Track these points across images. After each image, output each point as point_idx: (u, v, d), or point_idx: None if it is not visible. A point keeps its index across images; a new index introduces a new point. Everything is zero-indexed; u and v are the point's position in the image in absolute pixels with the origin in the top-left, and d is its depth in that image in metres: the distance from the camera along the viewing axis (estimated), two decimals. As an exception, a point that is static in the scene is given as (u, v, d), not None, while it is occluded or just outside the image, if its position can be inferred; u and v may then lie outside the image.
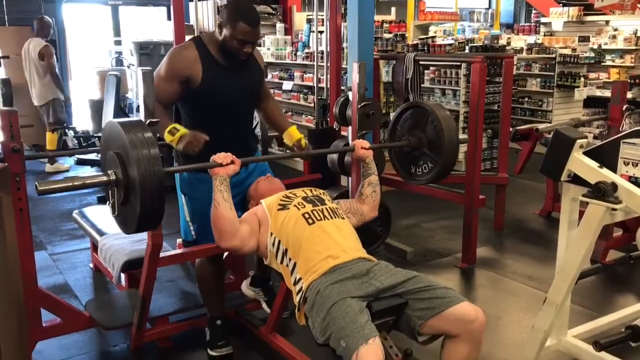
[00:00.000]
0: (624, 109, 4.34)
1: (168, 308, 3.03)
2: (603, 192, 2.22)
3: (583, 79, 7.34)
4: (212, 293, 2.87)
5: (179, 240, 3.79)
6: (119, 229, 2.33)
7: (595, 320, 2.97)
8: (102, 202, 5.24)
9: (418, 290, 2.12)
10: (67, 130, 7.25)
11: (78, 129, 7.91)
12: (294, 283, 2.25)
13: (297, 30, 7.85)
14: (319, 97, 4.66)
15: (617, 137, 2.38)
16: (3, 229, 1.91)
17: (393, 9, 8.53)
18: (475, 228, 4.02)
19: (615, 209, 2.23)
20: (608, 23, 8.96)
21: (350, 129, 3.34)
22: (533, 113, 7.74)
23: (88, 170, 6.74)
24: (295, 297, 2.24)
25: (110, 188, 2.14)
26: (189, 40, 2.73)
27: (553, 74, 7.47)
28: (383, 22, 6.49)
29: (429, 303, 2.09)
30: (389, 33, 6.42)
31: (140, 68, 2.37)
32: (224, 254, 2.91)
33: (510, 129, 4.73)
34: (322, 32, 5.07)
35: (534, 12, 11.50)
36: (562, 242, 2.62)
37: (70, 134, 7.50)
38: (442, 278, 3.80)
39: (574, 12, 8.87)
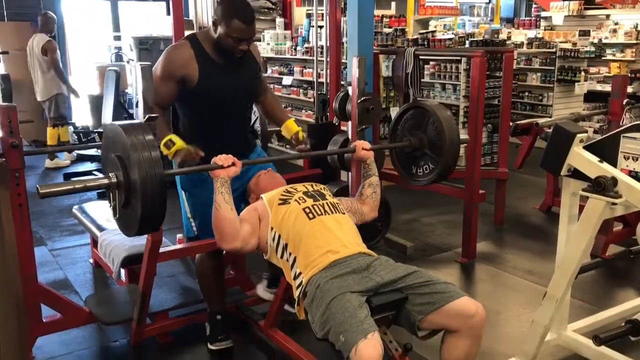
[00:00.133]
0: (624, 103, 4.33)
1: (168, 303, 3.04)
2: (603, 186, 2.21)
3: (583, 74, 7.32)
4: (212, 288, 2.87)
5: (179, 236, 3.80)
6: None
7: (595, 315, 2.97)
8: (102, 197, 5.24)
9: (418, 285, 2.12)
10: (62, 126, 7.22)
11: (78, 125, 7.90)
12: (294, 277, 2.25)
13: (296, 25, 7.83)
14: (319, 92, 4.64)
15: (617, 131, 2.38)
16: (1, 226, 1.91)
17: (393, 4, 8.49)
18: (475, 223, 4.02)
19: (615, 204, 2.23)
20: (609, 17, 8.94)
21: (350, 124, 3.33)
22: (533, 107, 7.73)
23: (88, 166, 6.73)
24: (295, 291, 2.23)
25: (112, 191, 2.13)
26: (184, 39, 2.71)
27: (553, 69, 7.45)
28: (383, 16, 6.47)
29: (429, 298, 2.08)
30: (389, 28, 6.40)
31: (139, 63, 2.37)
32: (224, 250, 2.91)
33: (511, 124, 4.73)
34: (321, 26, 5.05)
35: (535, 6, 11.44)
36: (562, 236, 2.62)
37: (70, 130, 7.49)
38: (442, 273, 3.80)
39: (575, 6, 8.84)
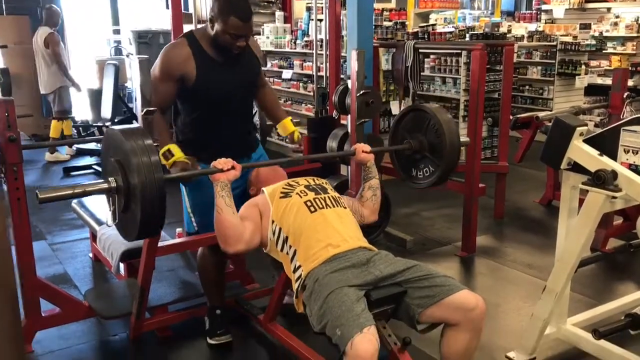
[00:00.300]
0: (625, 97, 4.32)
1: (167, 297, 3.03)
2: (603, 180, 2.21)
3: (584, 67, 7.29)
4: (213, 283, 2.86)
5: (179, 230, 3.80)
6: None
7: (595, 309, 2.96)
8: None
9: (417, 279, 2.12)
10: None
11: (77, 119, 7.89)
12: (294, 270, 2.25)
13: (296, 19, 7.80)
14: (319, 85, 4.64)
15: (617, 124, 2.37)
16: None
17: (393, -3, 8.48)
18: (475, 217, 4.02)
19: (615, 197, 2.22)
20: (610, 10, 8.90)
21: (350, 118, 3.32)
22: (534, 101, 7.71)
23: (88, 160, 6.72)
24: (294, 284, 2.23)
25: (111, 195, 2.14)
26: (181, 37, 2.69)
27: (554, 62, 7.43)
28: (383, 10, 6.43)
29: (429, 291, 2.08)
30: (389, 21, 6.37)
31: (137, 56, 2.36)
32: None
33: (511, 117, 4.71)
34: (321, 20, 5.03)
35: (535, -1, 11.42)
36: (561, 230, 2.61)
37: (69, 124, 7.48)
38: (441, 267, 3.80)
39: (575, -1, 8.81)
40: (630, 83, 7.17)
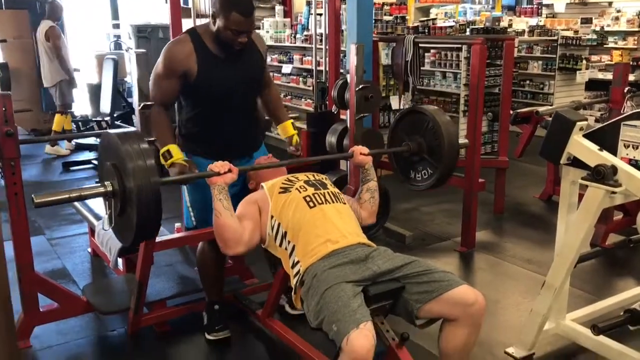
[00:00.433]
0: (626, 91, 4.30)
1: (166, 292, 3.03)
2: (603, 175, 2.19)
3: (585, 62, 7.26)
4: (212, 279, 2.86)
5: (177, 225, 3.80)
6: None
7: (594, 304, 2.96)
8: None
9: (416, 274, 2.11)
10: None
11: (77, 114, 7.87)
12: (292, 266, 2.24)
13: (296, 13, 7.78)
14: (318, 80, 4.61)
15: (617, 119, 2.35)
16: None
17: (394, -9, 8.42)
18: (475, 212, 4.00)
19: (615, 192, 2.21)
20: (611, 4, 8.87)
21: (349, 112, 3.31)
22: (534, 96, 7.69)
23: (87, 155, 6.70)
24: (293, 280, 2.22)
25: (107, 199, 2.13)
26: (184, 33, 2.68)
27: (555, 57, 7.40)
28: (384, 4, 6.40)
29: (427, 286, 2.07)
30: (390, 15, 6.34)
31: (134, 50, 2.34)
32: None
33: (511, 112, 4.69)
34: (321, 14, 5.00)
35: (537, -7, 11.37)
36: (561, 225, 2.60)
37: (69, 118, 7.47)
38: (441, 262, 3.79)
39: (577, -7, 8.78)
40: (631, 78, 7.16)
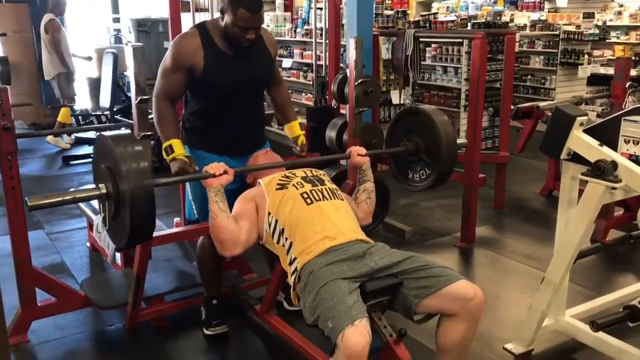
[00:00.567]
0: (627, 86, 4.28)
1: (164, 287, 3.02)
2: (603, 170, 2.18)
3: (587, 57, 7.24)
4: (211, 274, 2.85)
5: (177, 219, 3.79)
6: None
7: (594, 300, 2.94)
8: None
9: (414, 270, 2.10)
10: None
11: (76, 108, 7.85)
12: (289, 263, 2.23)
13: (297, 7, 7.74)
14: (318, 74, 4.60)
15: (617, 114, 2.34)
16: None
17: (395, -15, 8.38)
18: (475, 207, 3.99)
19: (615, 188, 2.19)
20: (613, -1, 8.83)
21: (348, 107, 3.29)
22: (536, 91, 7.66)
23: (87, 149, 6.69)
24: (290, 277, 2.22)
25: (102, 202, 2.13)
26: (193, 28, 2.68)
27: (556, 51, 7.37)
28: (384, -2, 6.38)
29: (426, 282, 2.06)
30: (391, 10, 6.31)
31: (131, 44, 2.33)
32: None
33: (512, 107, 4.67)
34: (321, 8, 4.99)
35: (539, -12, 11.30)
36: (561, 221, 2.59)
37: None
38: (440, 257, 3.78)
39: (579, -13, 8.73)
40: (633, 73, 7.11)
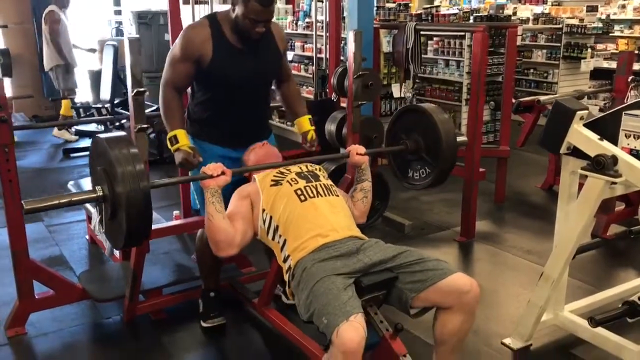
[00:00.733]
0: (630, 80, 4.25)
1: (162, 280, 3.03)
2: (603, 165, 2.16)
3: (590, 50, 7.19)
4: (210, 267, 2.84)
5: (176, 212, 3.78)
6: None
7: (593, 296, 2.93)
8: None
9: (409, 264, 2.09)
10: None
11: (77, 100, 7.84)
12: (284, 260, 2.23)
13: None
14: (318, 67, 4.58)
15: (618, 108, 2.32)
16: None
17: (397, -22, 8.34)
18: (475, 201, 3.97)
19: (615, 183, 2.18)
20: (617, -8, 8.77)
21: (347, 100, 3.27)
22: (538, 85, 7.62)
23: (88, 142, 6.69)
24: (285, 274, 2.21)
25: (99, 204, 2.12)
26: (204, 18, 2.65)
27: (559, 45, 7.33)
28: (387, -9, 6.36)
29: (421, 275, 2.05)
30: (393, 2, 6.29)
31: (128, 36, 2.31)
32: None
33: (513, 101, 4.64)
34: (322, 1, 4.96)
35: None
36: (560, 215, 2.58)
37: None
38: (440, 252, 3.77)
39: (583, -19, 8.66)
40: (636, 67, 7.07)
